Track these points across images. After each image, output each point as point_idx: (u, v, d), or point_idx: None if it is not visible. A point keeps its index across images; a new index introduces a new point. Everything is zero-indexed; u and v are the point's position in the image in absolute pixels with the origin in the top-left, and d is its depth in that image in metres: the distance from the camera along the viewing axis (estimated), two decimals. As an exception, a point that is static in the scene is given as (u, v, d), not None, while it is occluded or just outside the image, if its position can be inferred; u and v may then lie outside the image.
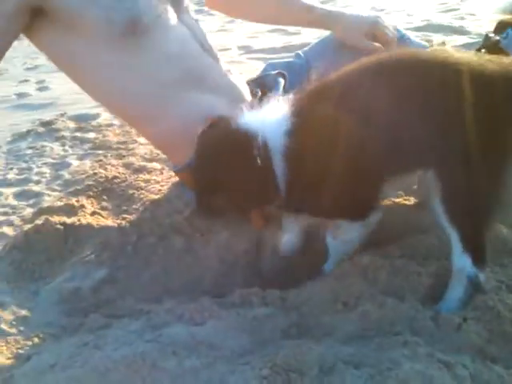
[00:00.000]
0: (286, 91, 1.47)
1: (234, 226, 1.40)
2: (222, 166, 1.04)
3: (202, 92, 1.33)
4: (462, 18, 3.93)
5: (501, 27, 2.18)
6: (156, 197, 1.58)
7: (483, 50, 1.99)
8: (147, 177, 1.74)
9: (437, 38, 3.40)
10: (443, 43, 3.12)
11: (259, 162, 0.99)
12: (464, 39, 3.26)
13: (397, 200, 1.42)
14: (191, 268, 1.33)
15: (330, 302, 1.07)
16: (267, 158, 1.00)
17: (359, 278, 1.10)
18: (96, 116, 2.46)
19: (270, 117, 1.03)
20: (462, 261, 1.01)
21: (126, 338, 1.03)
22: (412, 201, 1.43)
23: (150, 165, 1.83)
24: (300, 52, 1.82)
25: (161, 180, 1.70)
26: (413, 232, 1.26)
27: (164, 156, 1.87)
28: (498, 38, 2.03)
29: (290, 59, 1.75)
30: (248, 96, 1.43)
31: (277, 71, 1.53)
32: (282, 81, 1.48)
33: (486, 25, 3.59)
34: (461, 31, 3.52)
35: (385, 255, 1.16)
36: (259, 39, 3.97)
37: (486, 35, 2.14)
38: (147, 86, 1.29)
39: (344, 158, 0.98)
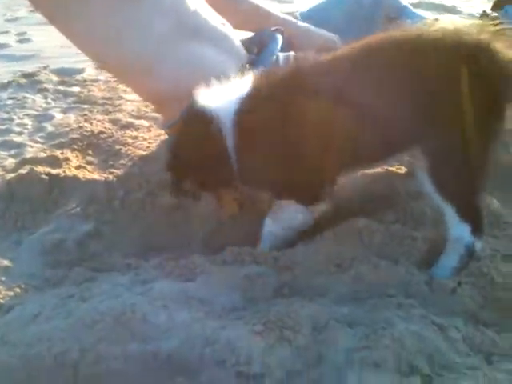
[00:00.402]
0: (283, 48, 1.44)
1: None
2: (186, 148, 1.14)
3: (199, 42, 1.30)
4: (454, -2, 3.92)
5: (499, 5, 2.17)
6: (144, 153, 1.53)
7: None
8: (134, 133, 1.68)
9: (429, 16, 3.38)
10: (436, 20, 3.10)
11: (213, 140, 1.07)
12: (456, 18, 3.25)
13: (390, 168, 1.41)
14: (180, 225, 1.30)
15: (324, 264, 1.06)
16: (220, 136, 1.07)
17: (354, 241, 1.10)
18: (81, 70, 2.37)
19: (225, 96, 1.09)
20: (459, 230, 1.01)
21: (113, 291, 1.00)
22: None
23: (137, 122, 1.77)
24: (297, 14, 1.79)
25: (149, 137, 1.65)
26: (406, 199, 1.26)
27: (152, 114, 1.82)
28: (495, 14, 2.03)
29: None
30: (242, 49, 1.39)
31: (274, 28, 1.49)
32: (279, 37, 1.44)
33: (477, 5, 3.59)
34: (453, 10, 3.51)
35: (379, 220, 1.15)
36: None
37: (484, 12, 2.14)
38: (144, 36, 1.25)
39: (293, 141, 1.03)
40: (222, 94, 1.10)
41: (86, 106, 1.96)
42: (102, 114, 1.88)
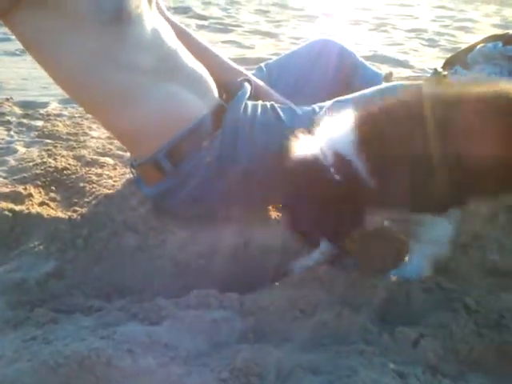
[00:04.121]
0: (251, 97, 1.49)
1: (190, 227, 1.39)
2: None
3: (177, 83, 1.33)
4: (406, 53, 4.15)
5: (449, 63, 2.34)
6: (109, 191, 1.53)
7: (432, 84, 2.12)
8: (99, 171, 1.68)
9: (383, 69, 3.57)
10: (391, 74, 3.27)
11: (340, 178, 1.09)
12: (408, 72, 3.44)
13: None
14: (143, 267, 1.30)
15: (288, 309, 1.08)
16: (348, 168, 1.10)
17: (316, 287, 1.13)
18: (44, 104, 2.35)
19: (335, 133, 1.13)
20: None
21: (77, 334, 0.99)
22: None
23: (102, 159, 1.77)
24: (262, 65, 1.86)
25: (114, 175, 1.65)
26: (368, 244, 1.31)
27: (118, 151, 1.83)
28: (446, 73, 2.18)
29: (252, 72, 1.78)
30: (216, 92, 1.43)
31: (242, 78, 1.55)
32: (247, 86, 1.50)
33: (428, 61, 3.82)
34: (405, 64, 3.72)
35: (341, 267, 1.20)
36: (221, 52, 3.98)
37: (435, 70, 2.29)
38: (124, 73, 1.27)
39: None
40: (328, 135, 1.14)
41: (49, 141, 1.95)
42: (66, 149, 1.87)
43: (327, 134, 1.14)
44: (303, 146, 1.15)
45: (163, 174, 1.35)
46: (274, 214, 1.47)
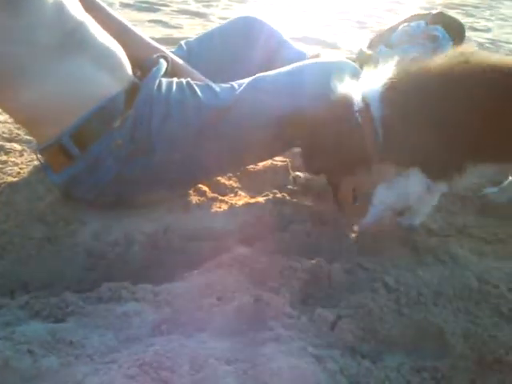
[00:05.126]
0: (167, 74, 1.41)
1: (103, 215, 1.31)
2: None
3: (83, 58, 1.23)
4: (336, 35, 4.17)
5: (374, 43, 2.34)
6: (14, 180, 1.41)
7: (357, 63, 2.12)
8: (4, 158, 1.54)
9: (312, 50, 3.56)
10: (318, 55, 3.27)
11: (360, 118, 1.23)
12: (337, 54, 3.45)
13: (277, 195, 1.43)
14: (52, 260, 1.21)
15: (205, 297, 1.03)
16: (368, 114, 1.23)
17: (235, 272, 1.09)
18: None
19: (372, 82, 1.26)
20: None
21: (-29, 335, 0.90)
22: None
23: (8, 145, 1.62)
24: (182, 43, 1.78)
25: (20, 162, 1.52)
26: (288, 228, 1.28)
27: (26, 137, 1.70)
28: (371, 52, 2.19)
29: (172, 50, 1.70)
30: (129, 70, 1.34)
31: (158, 54, 1.47)
32: (163, 62, 1.42)
33: (356, 42, 3.85)
34: (334, 46, 3.73)
35: (261, 250, 1.16)
36: (138, 29, 3.82)
37: (361, 50, 2.29)
38: (20, 49, 1.15)
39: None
40: (368, 81, 1.26)
41: None
42: (-33, 135, 1.71)
43: (369, 80, 1.26)
44: (346, 86, 1.27)
45: (70, 158, 1.25)
46: (194, 199, 1.41)
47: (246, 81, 1.41)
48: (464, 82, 1.18)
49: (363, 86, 1.26)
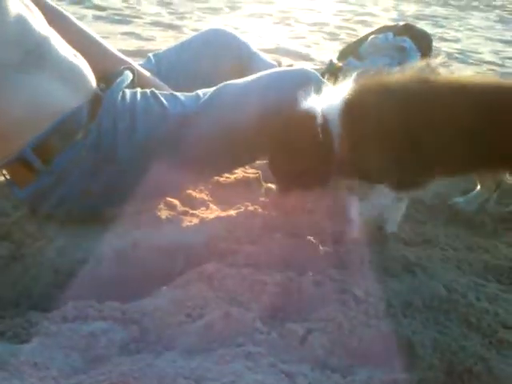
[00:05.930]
0: (134, 86, 1.40)
1: (71, 230, 1.28)
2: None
3: (44, 73, 1.21)
4: (308, 46, 4.21)
5: (343, 55, 2.37)
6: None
7: (327, 75, 2.14)
8: (-31, 174, 1.51)
9: (285, 61, 3.59)
10: (291, 65, 3.30)
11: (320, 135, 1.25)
12: (309, 65, 3.48)
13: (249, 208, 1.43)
14: (18, 278, 1.17)
15: (173, 314, 1.01)
16: (327, 130, 1.25)
17: (205, 287, 1.07)
18: None
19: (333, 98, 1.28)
20: None
21: None
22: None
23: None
24: (151, 55, 1.77)
25: (-15, 178, 1.49)
26: (257, 241, 1.27)
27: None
28: (340, 64, 2.21)
29: (140, 62, 1.69)
30: (93, 82, 1.33)
31: (125, 66, 1.46)
32: (128, 74, 1.41)
33: (328, 54, 3.89)
34: (307, 58, 3.76)
35: (231, 264, 1.15)
36: (111, 41, 3.81)
37: (331, 61, 2.31)
38: None
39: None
40: (330, 97, 1.28)
41: None
42: None
43: (331, 96, 1.28)
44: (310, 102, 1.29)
45: (34, 172, 1.23)
46: (164, 213, 1.39)
47: (211, 89, 1.41)
48: (420, 100, 1.21)
49: (323, 101, 1.28)
